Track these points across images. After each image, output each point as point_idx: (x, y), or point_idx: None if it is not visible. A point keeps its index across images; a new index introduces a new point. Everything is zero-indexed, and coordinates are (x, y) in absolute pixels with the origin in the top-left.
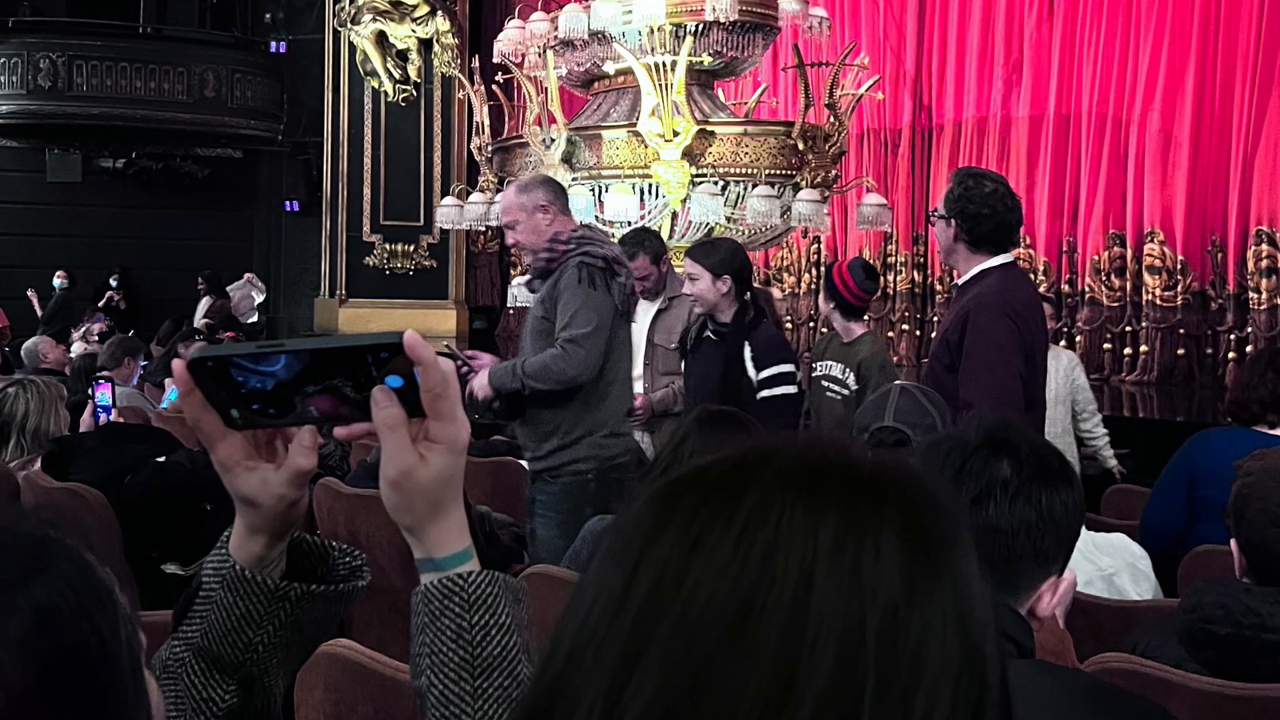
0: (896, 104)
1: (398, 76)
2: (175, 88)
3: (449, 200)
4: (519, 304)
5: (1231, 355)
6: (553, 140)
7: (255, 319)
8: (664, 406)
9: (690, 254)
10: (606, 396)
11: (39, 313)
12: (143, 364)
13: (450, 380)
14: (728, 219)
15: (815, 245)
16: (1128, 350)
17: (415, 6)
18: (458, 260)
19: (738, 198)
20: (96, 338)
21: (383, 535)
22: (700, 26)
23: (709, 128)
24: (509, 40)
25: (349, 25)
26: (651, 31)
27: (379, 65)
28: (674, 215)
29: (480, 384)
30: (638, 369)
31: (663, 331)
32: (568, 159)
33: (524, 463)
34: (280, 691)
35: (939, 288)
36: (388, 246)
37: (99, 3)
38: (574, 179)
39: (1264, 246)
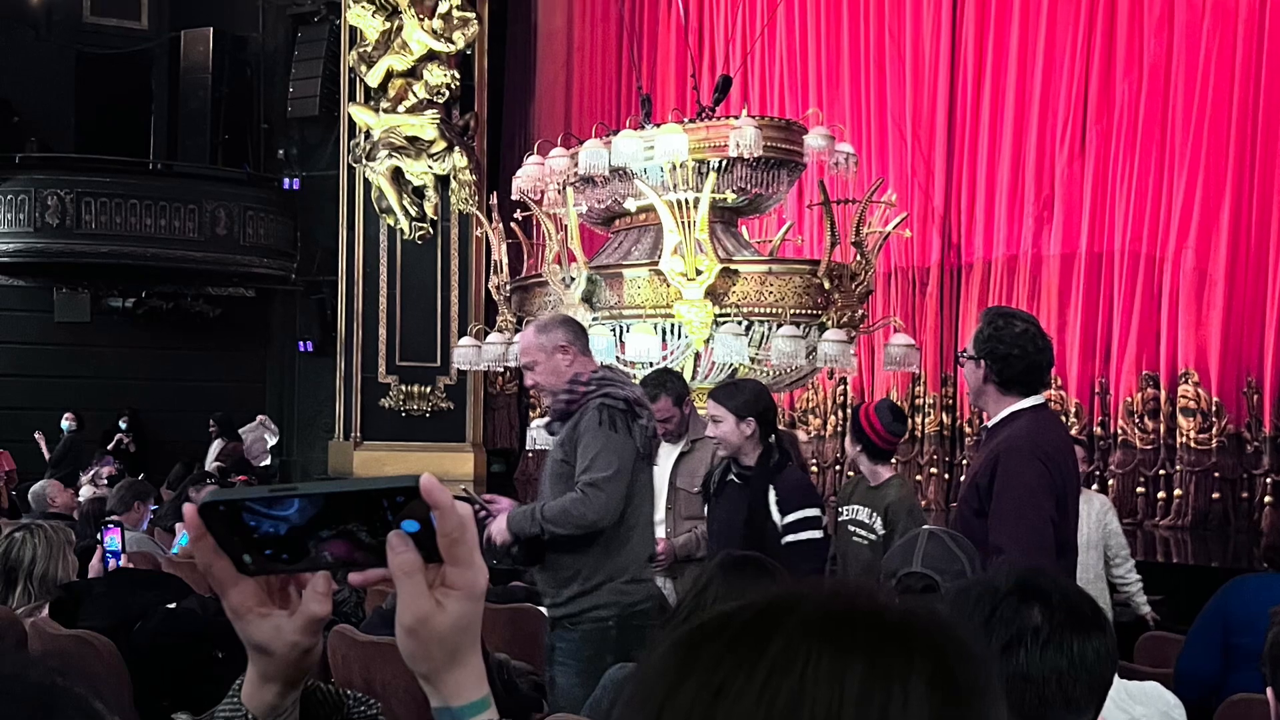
0: (925, 242)
1: (414, 214)
2: (186, 225)
3: (466, 340)
4: (538, 447)
5: (1268, 500)
6: (573, 279)
7: (268, 462)
8: (687, 552)
9: (713, 395)
10: (628, 541)
11: (47, 456)
12: (153, 508)
13: (468, 525)
14: (752, 360)
15: (841, 386)
16: (1161, 494)
17: (432, 142)
18: (475, 402)
19: (762, 338)
20: (105, 481)
21: (399, 683)
22: (724, 163)
23: (733, 266)
24: (528, 177)
25: (364, 161)
26: (674, 168)
27: (394, 202)
28: (697, 356)
29: (498, 529)
30: (660, 513)
31: (685, 475)
32: (588, 298)
33: (543, 609)
34: None
35: (968, 430)
36: (404, 388)
37: (108, 138)
38: (594, 319)
39: None
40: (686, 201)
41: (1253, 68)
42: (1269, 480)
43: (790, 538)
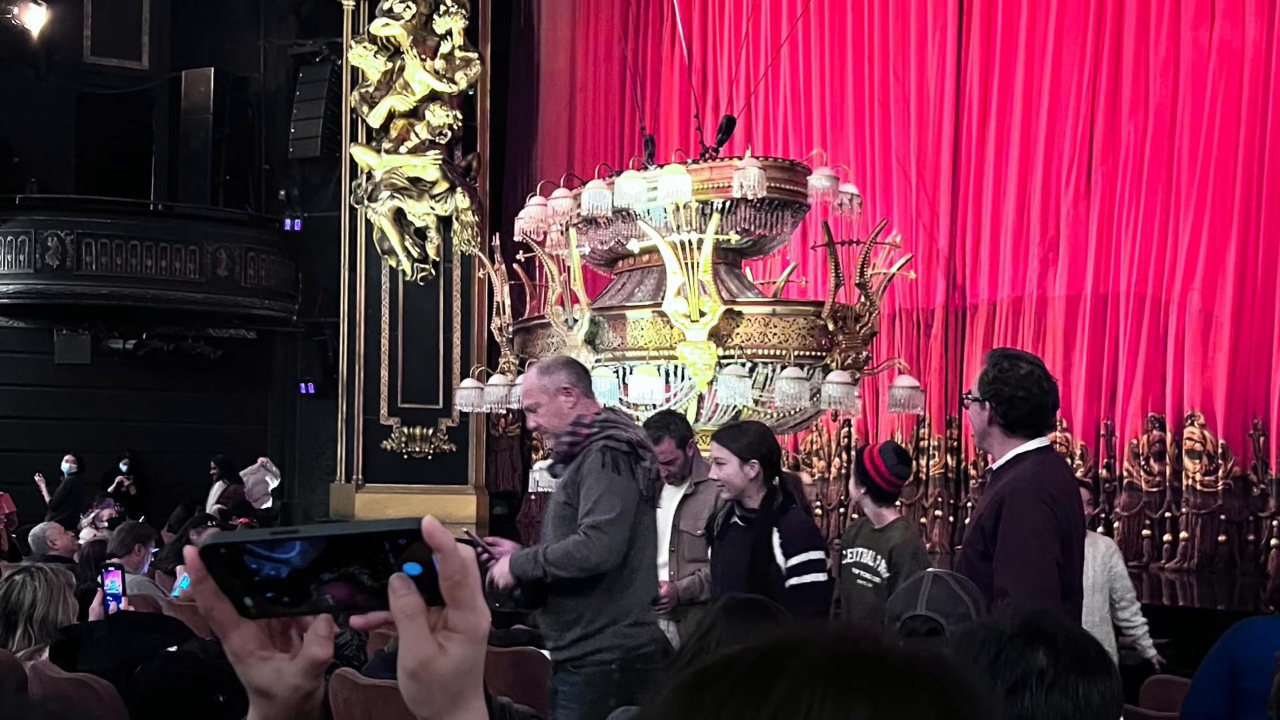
0: (929, 283)
1: (416, 255)
2: (187, 266)
3: (469, 382)
4: (541, 489)
5: (1274, 542)
6: (575, 320)
7: (269, 504)
8: (690, 594)
9: (717, 437)
10: (631, 584)
11: (47, 498)
12: (154, 551)
13: (470, 567)
14: (755, 401)
15: (846, 428)
16: (1167, 537)
17: (434, 183)
18: (478, 444)
19: (766, 379)
20: (106, 524)
21: None
22: (727, 204)
23: (736, 308)
24: (530, 218)
25: (366, 202)
26: (677, 209)
27: (396, 244)
28: (700, 397)
29: (501, 571)
30: (663, 556)
31: (688, 517)
32: (591, 340)
33: (546, 652)
34: None
35: (973, 472)
36: (406, 430)
37: (109, 179)
38: (597, 360)
39: None
40: (690, 243)
41: (1258, 109)
42: (1275, 523)
43: (794, 581)
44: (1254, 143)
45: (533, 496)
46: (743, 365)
